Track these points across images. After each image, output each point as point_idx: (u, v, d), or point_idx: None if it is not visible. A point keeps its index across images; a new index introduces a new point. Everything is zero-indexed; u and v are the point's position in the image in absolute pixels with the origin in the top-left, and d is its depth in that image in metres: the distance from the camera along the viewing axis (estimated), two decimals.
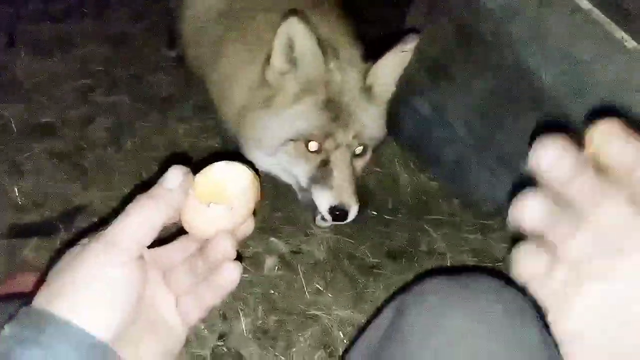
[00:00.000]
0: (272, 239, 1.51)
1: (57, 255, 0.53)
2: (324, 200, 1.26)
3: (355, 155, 1.28)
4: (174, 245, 0.60)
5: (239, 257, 0.58)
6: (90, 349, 0.47)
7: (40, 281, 0.51)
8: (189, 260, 0.58)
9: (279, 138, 1.25)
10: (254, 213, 0.59)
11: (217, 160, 0.58)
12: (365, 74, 1.23)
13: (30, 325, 0.47)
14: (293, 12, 1.13)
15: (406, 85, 1.88)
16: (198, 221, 0.55)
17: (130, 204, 0.52)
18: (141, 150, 1.66)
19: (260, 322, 1.33)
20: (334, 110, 1.20)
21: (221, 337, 1.28)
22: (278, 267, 1.45)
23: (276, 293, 1.40)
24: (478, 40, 1.66)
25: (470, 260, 1.53)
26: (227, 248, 0.55)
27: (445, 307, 0.68)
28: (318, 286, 1.43)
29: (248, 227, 0.59)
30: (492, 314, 0.66)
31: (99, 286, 0.49)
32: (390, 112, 1.45)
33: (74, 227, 1.43)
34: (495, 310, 0.66)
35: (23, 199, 1.47)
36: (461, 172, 1.77)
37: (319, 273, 1.47)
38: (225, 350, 1.27)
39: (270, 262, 1.45)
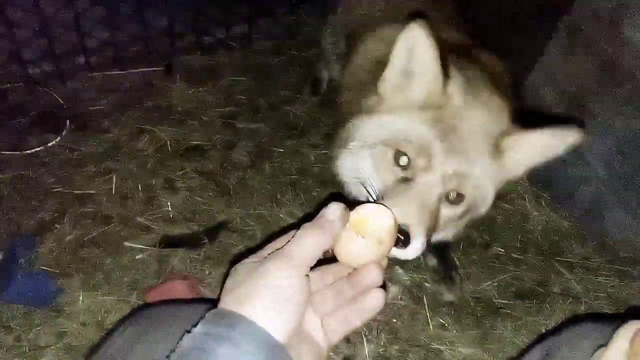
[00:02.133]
0: (397, 268, 1.54)
1: (229, 266, 0.61)
2: None
3: (447, 199, 1.02)
4: (317, 271, 0.66)
5: (383, 286, 0.63)
6: (272, 348, 0.53)
7: (220, 293, 0.59)
8: (335, 285, 0.64)
9: (371, 137, 1.07)
10: None
11: (366, 202, 0.67)
12: (503, 130, 1.04)
13: (222, 324, 0.54)
14: (417, 17, 0.96)
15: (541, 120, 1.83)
16: (352, 251, 0.63)
17: (300, 230, 0.60)
18: (277, 173, 1.78)
19: (382, 349, 1.36)
20: (444, 131, 0.99)
21: None
22: (401, 297, 1.47)
23: (399, 322, 1.42)
24: (623, 76, 1.58)
25: (607, 308, 1.44)
26: (376, 277, 0.62)
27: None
28: (442, 321, 1.43)
29: (385, 261, 0.65)
30: None
31: (277, 294, 0.56)
32: None
33: (217, 241, 1.56)
34: None
35: (175, 212, 1.63)
36: (598, 213, 1.68)
37: (444, 308, 1.47)
38: None
39: (394, 290, 1.47)
